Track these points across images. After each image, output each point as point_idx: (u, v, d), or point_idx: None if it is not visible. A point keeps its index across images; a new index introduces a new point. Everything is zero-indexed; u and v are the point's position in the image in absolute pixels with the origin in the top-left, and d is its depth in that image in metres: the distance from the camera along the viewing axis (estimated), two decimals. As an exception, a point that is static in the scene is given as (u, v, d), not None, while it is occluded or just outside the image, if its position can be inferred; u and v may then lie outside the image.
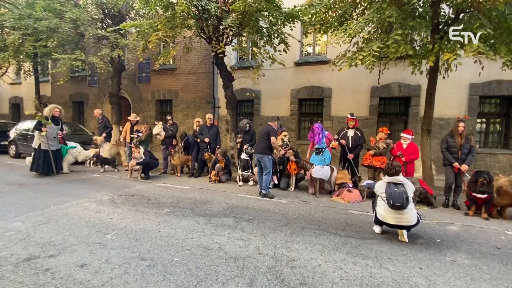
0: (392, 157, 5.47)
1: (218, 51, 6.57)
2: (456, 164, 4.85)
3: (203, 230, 3.44)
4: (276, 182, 6.15)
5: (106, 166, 7.55)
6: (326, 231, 3.58)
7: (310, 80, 9.19)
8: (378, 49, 5.01)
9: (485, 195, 4.22)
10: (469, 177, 4.54)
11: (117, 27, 7.81)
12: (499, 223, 4.14)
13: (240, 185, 6.23)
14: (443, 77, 6.19)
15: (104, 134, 7.99)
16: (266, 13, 6.61)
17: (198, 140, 7.15)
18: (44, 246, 2.89)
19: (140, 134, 7.23)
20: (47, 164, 6.58)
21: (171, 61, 10.84)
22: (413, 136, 5.62)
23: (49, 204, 4.35)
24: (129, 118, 8.00)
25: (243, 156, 6.33)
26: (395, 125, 8.80)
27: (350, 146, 5.88)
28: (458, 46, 5.00)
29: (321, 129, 6.06)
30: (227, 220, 3.82)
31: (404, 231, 3.32)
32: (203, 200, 4.91)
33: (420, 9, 5.88)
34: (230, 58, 8.64)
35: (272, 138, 5.24)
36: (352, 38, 5.85)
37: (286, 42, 7.14)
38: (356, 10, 6.31)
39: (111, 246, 2.92)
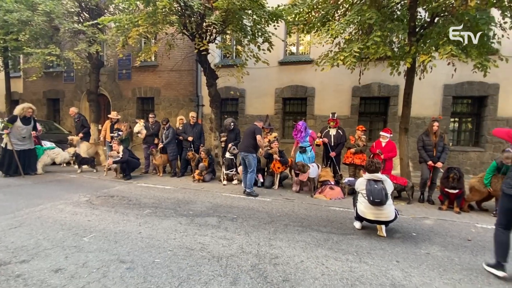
0: (372, 155, 5.65)
1: (201, 49, 6.48)
2: (430, 162, 5.09)
3: (186, 230, 3.39)
4: (261, 180, 6.18)
5: (83, 166, 7.24)
6: (309, 228, 3.65)
7: (294, 80, 9.28)
8: (359, 50, 5.15)
9: (457, 190, 4.48)
10: (442, 172, 4.79)
11: (95, 21, 7.49)
12: (470, 217, 4.40)
13: (224, 184, 6.19)
14: (420, 78, 6.46)
15: (81, 134, 7.67)
16: (250, 12, 6.59)
17: (181, 138, 7.02)
18: (15, 251, 2.74)
19: (120, 133, 7.00)
20: (14, 165, 6.27)
21: (153, 58, 10.55)
22: (391, 135, 5.84)
23: (21, 207, 4.11)
24: (109, 116, 7.73)
25: (228, 155, 6.30)
26: (375, 124, 9.09)
27: (332, 144, 6.01)
28: (433, 48, 5.24)
29: (305, 127, 6.15)
30: (211, 220, 3.79)
31: (383, 226, 3.45)
32: (186, 200, 4.84)
33: (398, 12, 6.10)
34: (214, 56, 8.54)
35: (258, 137, 5.22)
36: (334, 38, 5.96)
37: (270, 41, 7.16)
38: (338, 11, 6.44)
39: (89, 249, 2.81)
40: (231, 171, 6.34)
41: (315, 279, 2.38)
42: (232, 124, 6.74)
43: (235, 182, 6.34)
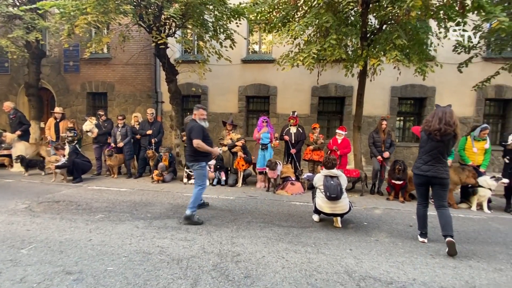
0: (329, 151, 5.99)
1: (159, 42, 6.16)
2: (379, 157, 5.59)
3: (143, 234, 3.21)
4: (224, 178, 6.13)
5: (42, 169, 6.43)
6: (271, 223, 3.73)
7: (257, 78, 9.37)
8: (317, 51, 5.40)
9: (401, 181, 4.98)
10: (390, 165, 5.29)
11: (34, 5, 6.63)
12: (412, 205, 4.91)
13: (185, 183, 6.01)
14: (370, 80, 7.01)
15: (18, 132, 6.76)
16: (211, 7, 6.45)
17: (139, 137, 6.62)
18: None
19: (75, 132, 6.34)
20: None
21: (105, 50, 9.75)
22: (346, 132, 6.25)
23: None
24: (53, 111, 6.94)
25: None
26: (332, 122, 9.64)
27: (293, 142, 6.22)
28: (382, 53, 5.73)
29: (267, 121, 6.23)
30: (171, 222, 3.65)
31: (339, 218, 3.69)
32: (144, 202, 4.58)
33: (352, 18, 6.53)
34: (174, 50, 8.20)
35: (195, 142, 3.60)
36: (295, 39, 6.16)
37: (232, 39, 7.12)
38: (298, 13, 6.66)
39: (28, 262, 2.50)
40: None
41: (276, 273, 2.44)
42: None
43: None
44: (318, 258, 2.76)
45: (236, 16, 6.80)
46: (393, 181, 5.05)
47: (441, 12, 5.55)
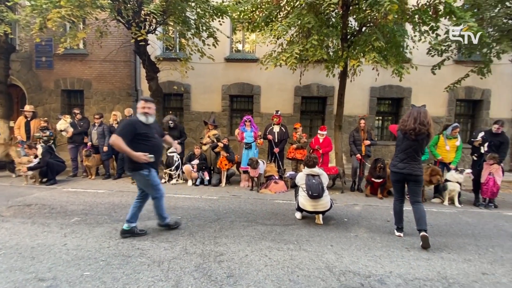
0: (312, 150, 6.10)
1: (139, 38, 5.98)
2: (358, 155, 5.77)
3: (123, 236, 3.12)
4: (207, 178, 6.07)
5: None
6: (254, 222, 3.75)
7: (240, 77, 9.35)
8: (299, 52, 5.47)
9: (381, 180, 5.17)
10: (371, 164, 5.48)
11: (1, -4, 6.22)
12: (389, 201, 5.12)
13: (161, 182, 5.90)
14: (351, 81, 7.21)
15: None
16: (193, 4, 6.35)
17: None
18: None
19: (51, 131, 6.01)
20: None
21: (81, 45, 9.32)
22: (326, 131, 6.36)
23: None
24: (23, 110, 6.54)
25: (168, 152, 6.03)
26: (314, 121, 9.82)
27: (276, 141, 6.27)
28: (361, 54, 5.90)
29: (250, 120, 6.22)
30: (151, 223, 3.55)
31: (320, 215, 3.77)
32: (123, 203, 4.44)
33: (333, 19, 6.68)
34: (155, 47, 8.00)
35: (111, 138, 2.95)
36: (278, 39, 6.21)
37: (215, 37, 7.05)
38: (281, 13, 6.71)
39: (-5, 270, 2.35)
40: (170, 170, 6.05)
41: (259, 271, 2.46)
42: (171, 122, 6.32)
43: (173, 181, 6.04)
44: (300, 254, 2.81)
45: (219, 14, 6.75)
46: (373, 179, 5.23)
47: (416, 16, 5.82)
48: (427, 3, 5.56)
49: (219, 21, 6.96)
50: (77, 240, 2.99)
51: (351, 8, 6.06)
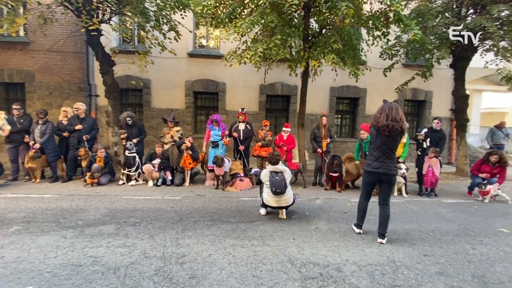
0: (275, 147, 6.24)
1: (90, 28, 5.48)
2: (319, 150, 6.05)
3: (73, 244, 2.85)
4: (170, 178, 5.84)
5: None
6: (219, 220, 3.71)
7: (204, 73, 9.14)
8: (263, 50, 5.52)
9: (337, 174, 5.50)
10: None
11: None
12: (347, 194, 5.49)
13: (119, 184, 5.58)
14: (312, 80, 7.51)
15: None
16: (152, -5, 6.02)
17: (66, 134, 5.83)
18: None
19: None
20: None
21: (22, 33, 8.26)
22: (290, 129, 6.56)
23: None
24: None
25: (127, 152, 5.67)
26: (279, 119, 10.04)
27: (242, 138, 6.28)
28: (322, 55, 6.17)
29: (217, 120, 6.12)
30: (107, 228, 3.31)
31: (284, 210, 3.88)
32: (74, 208, 4.06)
33: (296, 20, 6.87)
34: (110, 38, 7.41)
35: None
36: (242, 36, 6.19)
37: (177, 31, 6.77)
38: (245, 10, 6.69)
39: None
40: (129, 171, 5.72)
41: (222, 270, 2.44)
42: (129, 118, 5.95)
43: (132, 182, 5.71)
44: (264, 250, 2.86)
45: (181, 7, 6.48)
46: (330, 173, 5.54)
47: (370, 22, 6.25)
48: (379, 10, 6.02)
49: (181, 14, 6.70)
50: (17, 252, 2.66)
51: (312, 10, 6.28)
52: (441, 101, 10.10)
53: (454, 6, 6.94)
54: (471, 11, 7.00)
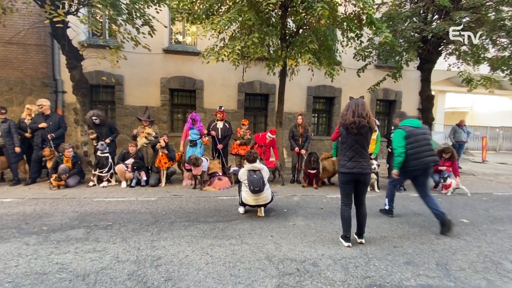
0: (254, 144, 6.26)
1: (55, 20, 5.11)
2: (296, 149, 6.16)
3: (36, 251, 2.65)
4: (145, 178, 5.63)
5: None
6: (196, 221, 3.65)
7: (181, 70, 8.91)
8: (241, 48, 5.49)
9: (315, 171, 5.64)
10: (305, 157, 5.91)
11: None
12: (323, 190, 5.64)
13: (89, 185, 5.30)
14: (289, 79, 7.62)
15: None
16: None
17: (28, 135, 5.40)
18: None
19: None
20: None
21: (-25, 22, 7.50)
22: (275, 136, 6.51)
23: None
24: None
25: (99, 153, 5.39)
26: (258, 118, 10.08)
27: (220, 137, 6.21)
28: (298, 55, 6.27)
29: (195, 119, 5.99)
30: (75, 233, 3.12)
31: (262, 208, 3.90)
32: (38, 213, 3.78)
33: (273, 19, 6.91)
34: (78, 31, 6.97)
35: None
36: (219, 33, 6.10)
37: (152, 25, 6.52)
38: (222, 7, 6.61)
39: None
40: (101, 172, 5.44)
41: (199, 270, 2.40)
42: (95, 118, 5.63)
43: (104, 184, 5.44)
44: (242, 248, 2.86)
45: (156, 1, 6.25)
46: (308, 170, 5.67)
47: (345, 23, 6.45)
48: (353, 13, 6.23)
49: (156, 8, 6.46)
50: (-30, 262, 2.42)
51: (289, 9, 6.35)
52: (410, 100, 10.71)
53: (421, 12, 7.38)
54: (436, 16, 7.48)
